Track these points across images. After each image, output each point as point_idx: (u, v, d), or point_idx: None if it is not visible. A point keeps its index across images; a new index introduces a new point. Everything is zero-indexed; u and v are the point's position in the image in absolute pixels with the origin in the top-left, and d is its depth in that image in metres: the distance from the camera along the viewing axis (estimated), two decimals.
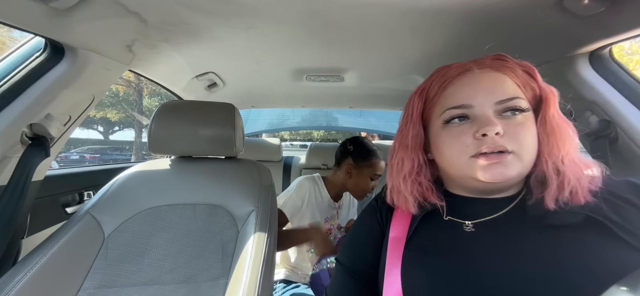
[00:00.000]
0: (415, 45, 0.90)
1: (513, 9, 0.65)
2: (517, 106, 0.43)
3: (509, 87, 0.44)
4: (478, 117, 0.44)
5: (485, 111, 0.44)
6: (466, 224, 0.46)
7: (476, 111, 0.44)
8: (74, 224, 0.78)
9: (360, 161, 1.18)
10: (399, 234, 0.49)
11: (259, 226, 0.80)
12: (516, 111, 0.43)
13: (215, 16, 0.76)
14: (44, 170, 0.85)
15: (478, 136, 0.42)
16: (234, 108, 0.94)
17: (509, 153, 0.42)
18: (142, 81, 8.01)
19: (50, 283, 0.69)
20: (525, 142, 0.42)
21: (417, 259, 0.46)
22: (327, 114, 2.90)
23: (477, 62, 0.47)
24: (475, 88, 0.45)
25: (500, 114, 0.43)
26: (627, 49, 4.38)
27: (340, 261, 0.56)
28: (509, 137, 0.42)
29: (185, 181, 0.92)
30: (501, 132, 0.41)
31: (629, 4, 0.54)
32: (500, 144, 0.41)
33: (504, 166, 0.42)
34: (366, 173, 1.17)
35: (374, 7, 0.68)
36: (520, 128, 0.42)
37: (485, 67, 0.46)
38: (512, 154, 0.42)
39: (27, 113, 0.70)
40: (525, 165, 0.42)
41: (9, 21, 0.59)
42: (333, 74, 1.23)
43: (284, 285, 1.14)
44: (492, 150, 0.42)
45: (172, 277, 0.77)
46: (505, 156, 0.42)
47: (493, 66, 0.46)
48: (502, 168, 0.42)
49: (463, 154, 0.44)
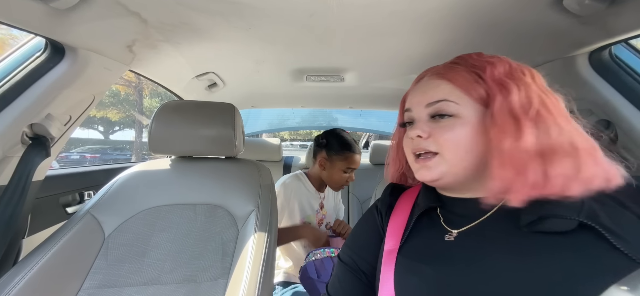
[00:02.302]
0: (415, 45, 0.90)
1: (513, 9, 0.65)
2: (441, 110, 0.45)
3: (440, 92, 0.46)
4: (414, 120, 0.49)
5: (419, 114, 0.48)
6: (449, 233, 0.46)
7: (413, 115, 0.49)
8: (75, 224, 0.78)
9: (332, 154, 1.20)
10: (392, 247, 0.49)
11: (259, 226, 0.81)
12: (443, 115, 0.45)
13: (215, 16, 0.76)
14: (44, 170, 0.85)
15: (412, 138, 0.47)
16: (234, 108, 0.94)
17: (433, 154, 0.45)
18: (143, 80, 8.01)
19: (51, 283, 0.69)
20: (446, 143, 0.44)
21: (408, 266, 0.46)
22: (327, 114, 2.90)
23: (432, 69, 0.51)
24: (415, 94, 0.50)
25: (431, 118, 0.46)
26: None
27: (342, 259, 0.56)
28: (433, 139, 0.45)
29: (185, 181, 0.92)
30: (424, 135, 0.45)
31: (629, 4, 0.54)
32: (421, 146, 0.46)
33: (427, 168, 0.46)
34: (339, 165, 1.19)
35: (374, 7, 0.69)
36: (444, 130, 0.44)
37: (433, 73, 0.49)
38: (437, 156, 0.45)
39: (28, 113, 0.70)
40: (451, 166, 0.44)
41: (9, 21, 0.59)
42: (333, 74, 1.23)
43: (282, 288, 1.14)
44: (417, 152, 0.47)
45: (172, 277, 0.77)
46: (430, 159, 0.46)
47: (438, 72, 0.48)
48: (426, 170, 0.46)
49: (409, 155, 0.50)
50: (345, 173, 1.20)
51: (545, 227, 0.39)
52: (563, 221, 0.38)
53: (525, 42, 0.75)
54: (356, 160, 1.21)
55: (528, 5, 0.63)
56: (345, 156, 1.18)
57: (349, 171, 1.21)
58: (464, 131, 0.44)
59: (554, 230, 0.38)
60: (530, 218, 0.40)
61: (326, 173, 1.22)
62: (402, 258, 0.47)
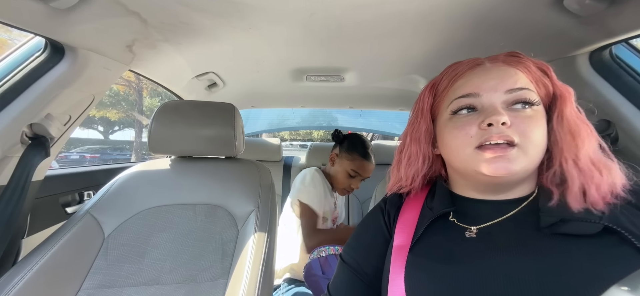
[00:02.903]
0: (415, 45, 0.90)
1: (513, 9, 0.65)
2: (526, 98, 0.42)
3: (520, 79, 0.43)
4: (485, 107, 0.43)
5: (493, 100, 0.42)
6: (469, 230, 0.45)
7: (483, 101, 0.43)
8: (74, 224, 0.78)
9: (343, 152, 1.19)
10: (403, 242, 0.48)
11: (259, 226, 0.80)
12: (526, 103, 0.42)
13: (215, 16, 0.76)
14: (44, 170, 0.85)
15: (483, 127, 0.41)
16: (234, 108, 0.94)
17: (514, 146, 0.40)
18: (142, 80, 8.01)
19: (50, 283, 0.69)
20: (532, 136, 0.40)
21: (420, 263, 0.45)
22: (327, 114, 2.90)
23: (489, 57, 0.47)
24: (484, 79, 0.44)
25: (509, 106, 0.42)
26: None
27: (344, 260, 0.55)
28: (515, 129, 0.40)
29: (185, 181, 0.92)
30: (508, 123, 0.40)
31: (629, 3, 0.54)
32: (506, 134, 0.40)
33: (507, 160, 0.40)
34: (345, 165, 1.18)
35: (374, 7, 0.68)
36: (529, 121, 0.41)
37: (497, 61, 0.46)
38: (517, 148, 0.40)
39: (27, 113, 0.70)
40: (530, 160, 0.41)
41: (9, 21, 0.59)
42: (333, 74, 1.23)
43: (287, 284, 1.14)
44: (498, 140, 0.40)
45: (172, 277, 0.77)
46: (510, 150, 0.40)
47: (506, 61, 0.46)
48: (506, 161, 0.40)
49: (467, 145, 0.43)
50: (350, 176, 1.19)
51: (567, 230, 0.38)
52: (587, 224, 0.38)
53: (526, 42, 0.74)
54: (364, 166, 1.19)
55: (528, 5, 0.63)
56: (353, 157, 1.18)
57: (354, 175, 1.19)
58: (544, 124, 0.42)
59: (577, 233, 0.38)
60: (552, 220, 0.39)
61: (333, 169, 1.22)
62: (413, 256, 0.46)
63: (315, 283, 1.00)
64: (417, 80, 1.25)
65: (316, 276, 1.00)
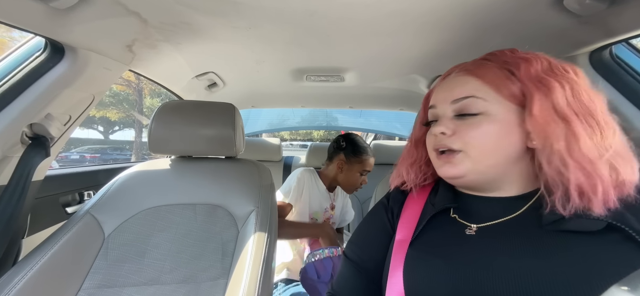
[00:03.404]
0: (415, 45, 0.90)
1: (513, 9, 0.65)
2: (466, 108, 0.44)
3: (467, 88, 0.45)
4: (439, 117, 0.48)
5: (444, 111, 0.47)
6: (470, 228, 0.45)
7: (438, 112, 0.48)
8: (74, 224, 0.78)
9: (351, 157, 1.23)
10: (404, 237, 0.49)
11: (259, 226, 0.80)
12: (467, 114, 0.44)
13: (215, 16, 0.75)
14: (44, 170, 0.85)
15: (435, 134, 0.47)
16: (234, 108, 0.94)
17: (456, 151, 0.45)
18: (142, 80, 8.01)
19: (51, 283, 0.69)
20: (474, 142, 0.43)
21: (419, 258, 0.46)
22: (327, 114, 2.89)
23: (460, 65, 0.50)
24: (439, 90, 0.49)
25: (457, 114, 0.46)
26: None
27: (348, 256, 0.56)
28: (457, 136, 0.44)
29: (185, 181, 0.92)
30: (448, 132, 0.45)
31: (630, 3, 0.53)
32: (443, 143, 0.46)
33: (451, 165, 0.45)
34: (356, 168, 1.23)
35: (374, 7, 0.68)
36: (470, 128, 0.44)
37: (462, 70, 0.48)
38: (461, 153, 0.44)
39: (27, 113, 0.70)
40: (476, 163, 0.44)
41: (9, 21, 0.59)
42: (333, 74, 1.24)
43: (284, 284, 1.14)
44: (439, 148, 0.47)
45: (172, 277, 0.77)
46: (454, 155, 0.45)
47: (467, 68, 0.47)
48: (451, 166, 0.45)
49: (432, 151, 0.49)
50: (361, 175, 1.25)
51: (571, 226, 0.38)
52: (591, 221, 0.37)
53: (526, 41, 0.74)
54: (371, 163, 1.25)
55: (528, 5, 0.63)
56: (363, 159, 1.23)
57: (364, 173, 1.25)
58: (492, 128, 0.43)
59: (581, 230, 0.37)
60: (554, 217, 0.39)
61: (343, 175, 1.25)
62: (413, 250, 0.47)
63: (312, 287, 1.00)
64: (417, 80, 1.25)
65: (311, 281, 1.00)
